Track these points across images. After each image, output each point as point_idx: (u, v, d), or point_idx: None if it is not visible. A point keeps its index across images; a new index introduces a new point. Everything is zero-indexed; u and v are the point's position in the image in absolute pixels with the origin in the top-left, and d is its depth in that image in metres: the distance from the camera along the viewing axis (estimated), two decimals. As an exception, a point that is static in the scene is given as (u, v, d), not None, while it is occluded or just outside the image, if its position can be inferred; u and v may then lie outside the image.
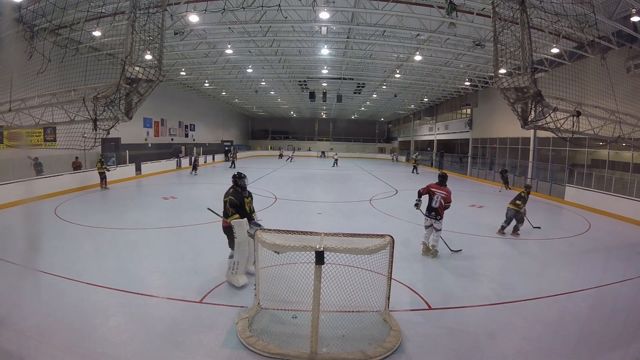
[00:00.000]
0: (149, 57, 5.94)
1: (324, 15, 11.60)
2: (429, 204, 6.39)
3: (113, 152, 17.22)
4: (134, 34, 5.26)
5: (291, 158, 35.25)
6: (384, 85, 23.85)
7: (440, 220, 6.30)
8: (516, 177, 18.22)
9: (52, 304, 4.27)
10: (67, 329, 3.70)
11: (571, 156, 15.94)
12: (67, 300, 4.38)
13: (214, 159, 29.73)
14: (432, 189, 6.37)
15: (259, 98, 31.12)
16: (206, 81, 23.47)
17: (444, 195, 6.25)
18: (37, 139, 13.12)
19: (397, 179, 20.64)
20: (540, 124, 5.82)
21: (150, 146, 23.02)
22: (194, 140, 29.91)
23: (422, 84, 22.50)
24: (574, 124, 5.99)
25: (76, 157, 14.11)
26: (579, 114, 5.97)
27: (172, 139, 26.55)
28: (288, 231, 3.77)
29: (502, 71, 6.18)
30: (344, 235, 3.82)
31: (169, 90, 24.28)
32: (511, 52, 5.76)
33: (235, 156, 27.63)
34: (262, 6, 10.81)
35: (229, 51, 16.10)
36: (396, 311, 4.30)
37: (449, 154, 28.55)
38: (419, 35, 13.61)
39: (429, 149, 34.01)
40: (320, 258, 3.31)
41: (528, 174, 17.50)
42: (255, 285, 4.15)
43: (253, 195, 5.66)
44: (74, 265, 5.52)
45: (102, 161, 13.95)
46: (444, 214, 6.35)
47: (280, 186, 16.17)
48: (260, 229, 4.25)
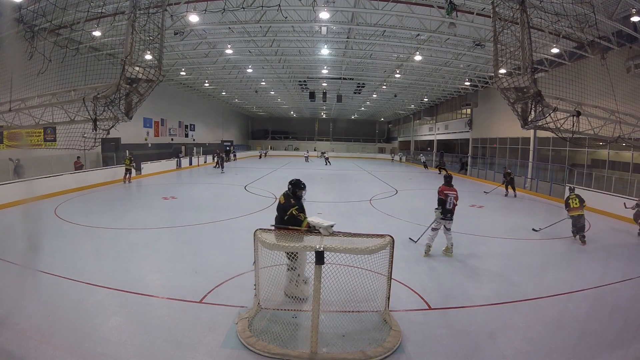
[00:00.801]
0: (149, 57, 5.94)
1: (324, 15, 11.61)
2: (443, 206, 6.42)
3: (113, 152, 17.22)
4: (134, 34, 5.25)
5: (307, 158, 35.38)
6: (384, 85, 23.86)
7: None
8: (517, 177, 18.19)
9: (52, 304, 4.27)
10: (67, 329, 3.70)
11: (571, 156, 15.93)
12: (67, 300, 4.38)
13: (213, 159, 29.70)
14: (446, 192, 6.46)
15: (259, 98, 31.13)
16: (206, 81, 23.48)
17: (455, 195, 6.44)
18: (37, 139, 13.12)
19: (397, 179, 20.64)
20: (540, 124, 5.81)
21: (150, 146, 23.02)
22: (194, 140, 29.91)
23: (422, 84, 22.50)
24: (574, 124, 5.98)
25: (78, 157, 14.14)
26: (579, 114, 5.96)
27: (172, 139, 26.55)
28: (288, 230, 3.78)
29: (502, 71, 6.17)
30: (344, 235, 3.83)
31: (169, 90, 24.28)
32: (511, 52, 5.76)
33: (223, 157, 24.19)
34: (262, 6, 10.82)
35: (229, 51, 16.10)
36: (396, 311, 4.30)
37: (449, 154, 28.55)
38: (419, 35, 13.61)
39: (429, 149, 34.01)
40: (320, 258, 3.31)
41: (528, 174, 17.48)
42: (255, 285, 4.15)
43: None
44: (74, 265, 5.52)
45: (131, 159, 16.09)
46: None
47: (280, 186, 16.13)
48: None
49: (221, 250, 6.69)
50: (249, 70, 20.25)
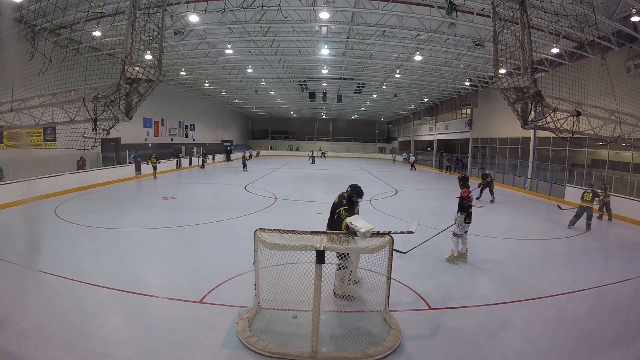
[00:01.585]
0: (149, 57, 5.95)
1: (324, 15, 11.61)
2: (467, 211, 6.17)
3: (113, 152, 17.22)
4: (134, 34, 5.25)
5: (312, 159, 34.98)
6: (384, 85, 23.85)
7: None
8: (516, 177, 18.20)
9: (52, 304, 4.27)
10: (67, 329, 3.70)
11: (571, 156, 15.93)
12: (67, 300, 4.38)
13: (214, 158, 29.74)
14: (470, 195, 6.29)
15: (259, 98, 31.12)
16: (206, 81, 23.48)
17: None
18: (37, 139, 13.13)
19: (397, 179, 20.63)
20: (540, 124, 5.82)
21: (150, 146, 23.01)
22: (194, 140, 29.91)
23: (422, 84, 22.50)
24: (574, 124, 5.98)
25: (81, 157, 14.22)
26: (579, 114, 5.96)
27: (172, 139, 26.55)
28: (288, 231, 3.78)
29: (502, 71, 6.18)
30: (343, 234, 3.84)
31: (169, 90, 24.28)
32: (511, 52, 5.76)
33: (206, 157, 23.62)
34: (262, 6, 10.82)
35: (229, 51, 16.10)
36: (396, 311, 4.30)
37: (449, 153, 28.54)
38: (419, 35, 13.60)
39: (429, 149, 34.01)
40: (320, 257, 3.33)
41: (528, 174, 17.47)
42: (254, 285, 4.15)
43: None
44: (74, 265, 5.52)
45: (156, 156, 17.93)
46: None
47: (280, 186, 16.18)
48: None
49: (221, 250, 6.69)
50: (249, 70, 20.25)
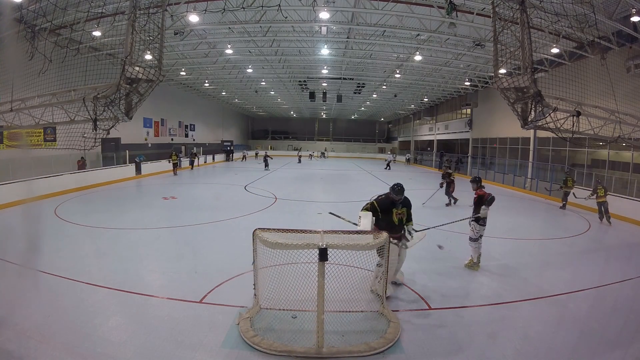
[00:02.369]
0: (149, 57, 5.96)
1: (324, 15, 11.61)
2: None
3: (113, 152, 17.23)
4: (134, 34, 5.26)
5: (311, 156, 35.46)
6: (384, 85, 23.86)
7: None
8: (516, 177, 18.22)
9: (52, 304, 4.27)
10: (67, 329, 3.70)
11: (571, 156, 15.93)
12: (67, 300, 4.38)
13: (214, 158, 29.75)
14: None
15: (259, 98, 31.13)
16: (206, 81, 23.48)
17: None
18: (37, 139, 13.12)
19: (397, 179, 20.60)
20: (540, 124, 5.82)
21: (150, 146, 23.02)
22: (194, 140, 29.91)
23: (422, 84, 22.51)
24: (574, 124, 5.99)
25: (81, 157, 14.23)
26: (579, 114, 5.97)
27: (172, 139, 26.54)
28: (287, 230, 3.79)
29: (502, 71, 6.19)
30: (343, 232, 3.85)
31: (169, 90, 24.28)
32: (511, 52, 5.77)
33: (174, 158, 21.24)
34: (262, 6, 10.82)
35: (229, 51, 16.10)
36: (396, 311, 4.30)
37: (449, 153, 28.54)
38: (419, 35, 13.61)
39: (429, 149, 34.01)
40: (323, 255, 3.37)
41: (528, 174, 17.48)
42: (254, 284, 4.15)
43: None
44: (74, 265, 5.52)
45: (177, 154, 19.15)
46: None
47: (280, 186, 16.18)
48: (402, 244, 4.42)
49: (221, 250, 6.69)
50: (249, 70, 20.26)
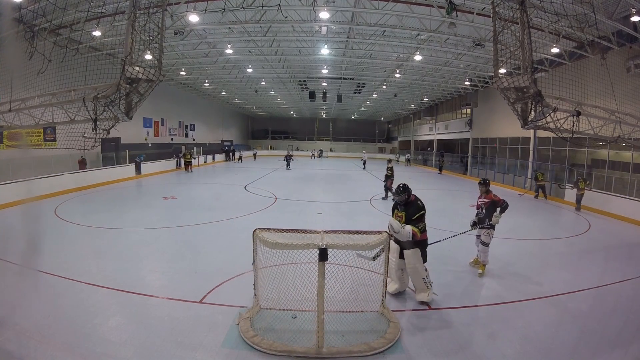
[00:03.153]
0: (149, 57, 5.95)
1: (324, 15, 11.60)
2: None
3: (113, 152, 17.22)
4: (134, 34, 5.25)
5: (313, 156, 35.65)
6: (384, 85, 23.85)
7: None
8: (517, 177, 18.22)
9: (52, 304, 4.27)
10: (67, 329, 3.70)
11: (571, 156, 15.93)
12: (67, 300, 4.38)
13: (214, 158, 29.75)
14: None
15: (259, 98, 31.12)
16: (206, 81, 23.47)
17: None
18: (37, 139, 13.12)
19: (397, 179, 20.61)
20: (540, 124, 5.81)
21: (150, 146, 23.01)
22: (194, 140, 29.90)
23: (422, 83, 22.50)
24: (574, 124, 5.99)
25: (82, 157, 14.28)
26: (579, 114, 5.96)
27: (172, 139, 26.54)
28: (287, 230, 3.79)
29: (502, 71, 6.18)
30: (343, 232, 3.86)
31: (169, 90, 24.27)
32: (511, 52, 5.76)
33: (188, 156, 21.24)
34: (262, 6, 10.82)
35: (229, 51, 16.10)
36: (396, 311, 4.30)
37: (449, 153, 28.54)
38: (419, 35, 13.60)
39: (429, 149, 34.00)
40: (323, 255, 3.37)
41: (528, 174, 17.49)
42: (254, 285, 4.15)
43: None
44: (74, 265, 5.52)
45: (191, 153, 20.50)
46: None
47: (280, 186, 16.18)
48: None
49: (221, 250, 6.69)
50: (249, 70, 20.25)
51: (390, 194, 12.59)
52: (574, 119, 5.95)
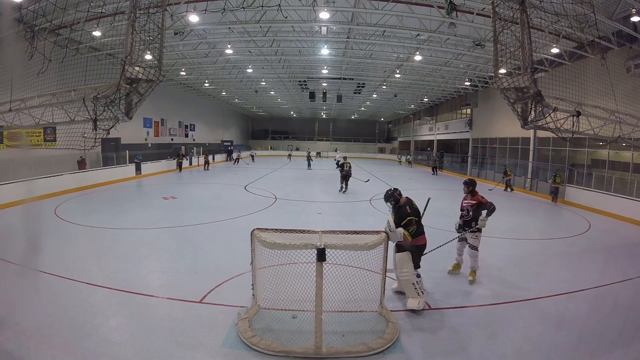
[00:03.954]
0: (149, 57, 5.94)
1: (324, 15, 11.60)
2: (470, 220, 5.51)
3: (113, 152, 17.22)
4: (134, 34, 5.25)
5: (290, 157, 35.85)
6: (384, 85, 23.84)
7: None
8: (517, 177, 18.21)
9: (52, 304, 4.27)
10: (67, 329, 3.70)
11: (571, 156, 15.92)
12: (67, 300, 4.38)
13: (214, 158, 29.75)
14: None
15: (259, 98, 31.12)
16: (206, 81, 23.47)
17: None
18: (37, 139, 13.11)
19: (398, 179, 20.62)
20: (540, 124, 5.81)
21: (150, 146, 23.00)
22: (194, 140, 29.90)
23: (422, 84, 22.49)
24: (574, 124, 5.98)
25: (82, 157, 14.27)
26: (579, 114, 5.96)
27: (172, 139, 26.53)
28: (286, 230, 3.79)
29: (502, 71, 6.17)
30: (341, 232, 3.86)
31: (169, 90, 24.26)
32: (511, 52, 5.76)
33: (182, 157, 20.75)
34: (262, 6, 10.82)
35: (229, 51, 16.10)
36: (396, 311, 4.30)
37: (449, 154, 28.53)
38: (419, 35, 13.60)
39: (429, 149, 33.99)
40: (321, 255, 3.37)
41: (528, 174, 17.49)
42: (252, 285, 4.14)
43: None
44: (74, 265, 5.52)
45: (207, 153, 22.88)
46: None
47: (280, 186, 16.18)
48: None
49: (221, 250, 6.69)
50: (249, 70, 20.24)
51: (343, 188, 15.11)
52: (574, 119, 5.94)
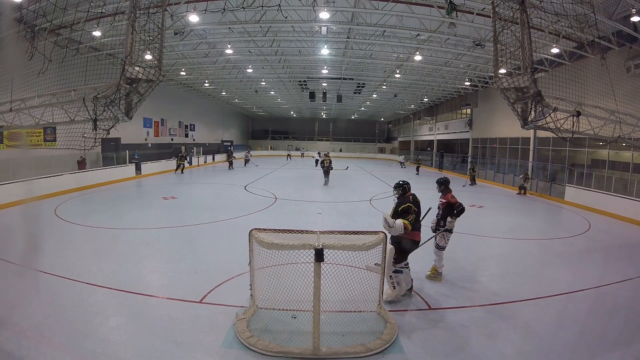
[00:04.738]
0: (149, 57, 5.93)
1: (324, 15, 11.60)
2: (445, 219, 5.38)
3: (113, 152, 17.23)
4: (134, 34, 5.24)
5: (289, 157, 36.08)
6: (384, 85, 23.85)
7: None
8: (517, 177, 18.20)
9: (52, 304, 4.27)
10: (67, 329, 3.70)
11: (571, 156, 15.93)
12: (67, 300, 4.38)
13: (214, 158, 29.76)
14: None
15: (259, 98, 31.12)
16: (206, 81, 23.47)
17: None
18: (37, 139, 13.12)
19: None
20: (540, 124, 5.81)
21: (150, 146, 23.01)
22: (194, 140, 29.90)
23: (422, 84, 22.50)
24: (574, 124, 5.98)
25: (82, 157, 14.30)
26: (579, 114, 5.96)
27: (172, 139, 26.54)
28: (284, 230, 3.79)
29: (502, 71, 6.16)
30: (340, 232, 3.86)
31: (169, 90, 24.27)
32: (511, 52, 5.76)
33: (182, 159, 20.50)
34: (262, 6, 10.82)
35: (229, 51, 16.10)
36: (396, 311, 4.30)
37: (449, 154, 28.53)
38: (419, 35, 13.60)
39: (428, 149, 34.00)
40: (319, 255, 3.36)
41: (528, 174, 17.48)
42: (250, 285, 4.14)
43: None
44: (74, 265, 5.52)
45: (231, 153, 23.45)
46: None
47: (280, 186, 16.18)
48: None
49: (221, 250, 6.69)
50: (249, 70, 20.25)
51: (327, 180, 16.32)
52: (574, 119, 5.94)
